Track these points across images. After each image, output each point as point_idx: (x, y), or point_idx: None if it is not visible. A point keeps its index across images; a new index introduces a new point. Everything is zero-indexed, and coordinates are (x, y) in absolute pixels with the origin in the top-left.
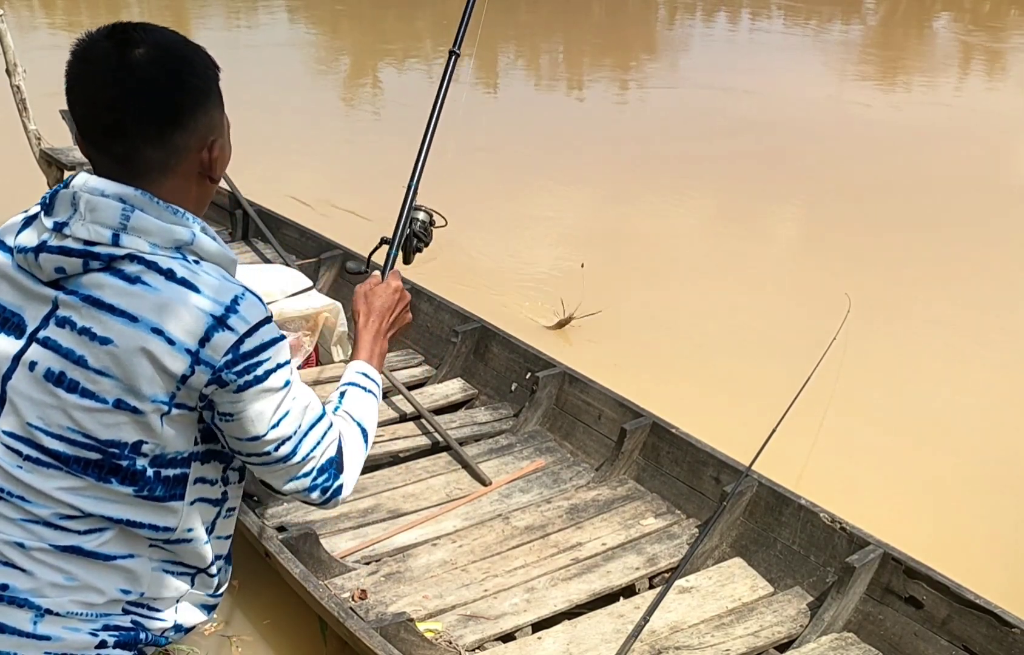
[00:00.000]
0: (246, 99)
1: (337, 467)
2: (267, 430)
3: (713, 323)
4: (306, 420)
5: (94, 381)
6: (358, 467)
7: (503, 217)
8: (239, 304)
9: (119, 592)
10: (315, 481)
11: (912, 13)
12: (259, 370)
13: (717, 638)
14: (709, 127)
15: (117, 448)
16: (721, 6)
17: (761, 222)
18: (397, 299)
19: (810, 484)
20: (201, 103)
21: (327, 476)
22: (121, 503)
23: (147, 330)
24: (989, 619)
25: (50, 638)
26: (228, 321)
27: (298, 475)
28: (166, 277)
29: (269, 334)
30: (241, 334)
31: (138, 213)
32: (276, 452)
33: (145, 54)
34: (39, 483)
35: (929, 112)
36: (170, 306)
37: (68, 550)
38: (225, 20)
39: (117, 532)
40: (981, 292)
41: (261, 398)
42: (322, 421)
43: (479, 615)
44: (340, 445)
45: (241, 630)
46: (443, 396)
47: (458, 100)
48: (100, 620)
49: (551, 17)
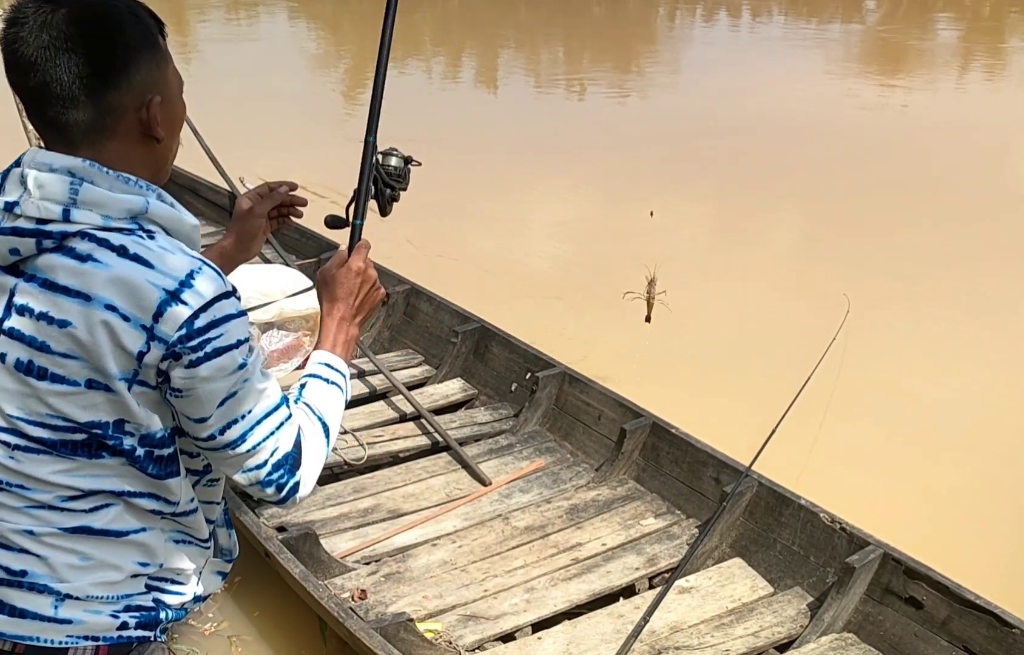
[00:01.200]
0: (246, 99)
1: (294, 463)
2: (214, 410)
3: (713, 323)
4: (260, 408)
5: (61, 365)
6: (318, 464)
7: (504, 214)
8: (194, 278)
9: (137, 566)
10: (269, 476)
11: (913, 13)
12: (211, 347)
13: (717, 638)
14: (708, 127)
15: (100, 428)
16: (722, 6)
17: (760, 221)
18: (360, 282)
19: (810, 484)
20: (133, 59)
21: (282, 472)
22: (119, 475)
23: (101, 307)
24: (989, 619)
25: (71, 622)
26: (182, 295)
27: (250, 466)
28: (118, 254)
29: (225, 309)
30: (195, 309)
31: (87, 186)
32: (222, 436)
33: (67, 12)
34: (33, 470)
35: (929, 112)
36: (122, 282)
37: (78, 531)
38: (225, 19)
39: (123, 506)
40: (981, 292)
41: (213, 376)
42: (278, 411)
43: (479, 615)
44: (298, 440)
45: (241, 630)
46: (443, 396)
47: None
48: (121, 601)
49: (551, 16)
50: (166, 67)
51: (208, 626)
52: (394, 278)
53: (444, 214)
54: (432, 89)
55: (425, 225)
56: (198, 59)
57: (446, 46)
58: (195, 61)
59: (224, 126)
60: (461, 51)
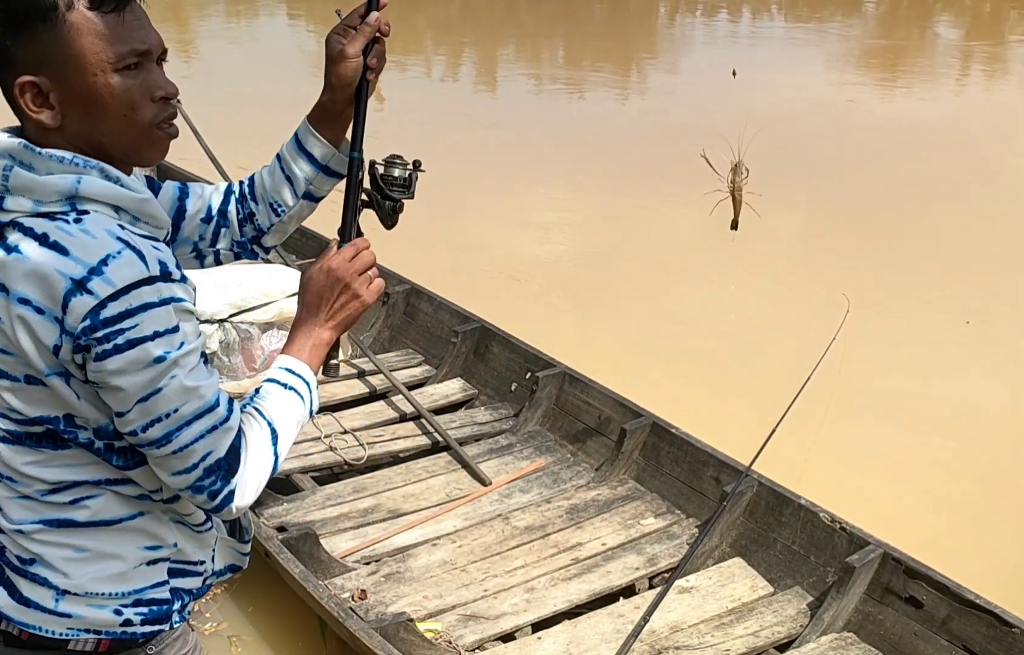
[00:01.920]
0: (246, 96)
1: (228, 470)
2: (132, 406)
3: (712, 323)
4: (189, 408)
5: (3, 361)
6: (261, 472)
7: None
8: (107, 264)
9: (146, 551)
10: (200, 481)
11: (913, 13)
12: (121, 338)
13: (717, 638)
14: (708, 126)
15: (51, 423)
16: (722, 6)
17: (760, 221)
18: (331, 282)
19: (810, 484)
20: (15, 33)
21: (214, 478)
22: (91, 464)
23: (16, 301)
24: (989, 619)
25: (71, 615)
26: (89, 284)
27: (178, 469)
28: (40, 242)
29: (143, 298)
30: (102, 298)
31: (16, 170)
32: (144, 433)
33: None
34: (11, 460)
35: (929, 112)
36: (36, 273)
37: (63, 525)
38: (225, 20)
39: (109, 495)
40: (981, 292)
41: (124, 369)
42: (212, 413)
43: (479, 615)
44: (235, 445)
45: (241, 630)
46: (443, 396)
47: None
48: (129, 596)
49: (552, 16)
50: (63, 42)
51: (208, 626)
52: (394, 278)
53: (444, 215)
54: (431, 87)
55: (425, 225)
56: (197, 58)
57: (446, 45)
58: (194, 60)
59: (223, 126)
60: (461, 50)
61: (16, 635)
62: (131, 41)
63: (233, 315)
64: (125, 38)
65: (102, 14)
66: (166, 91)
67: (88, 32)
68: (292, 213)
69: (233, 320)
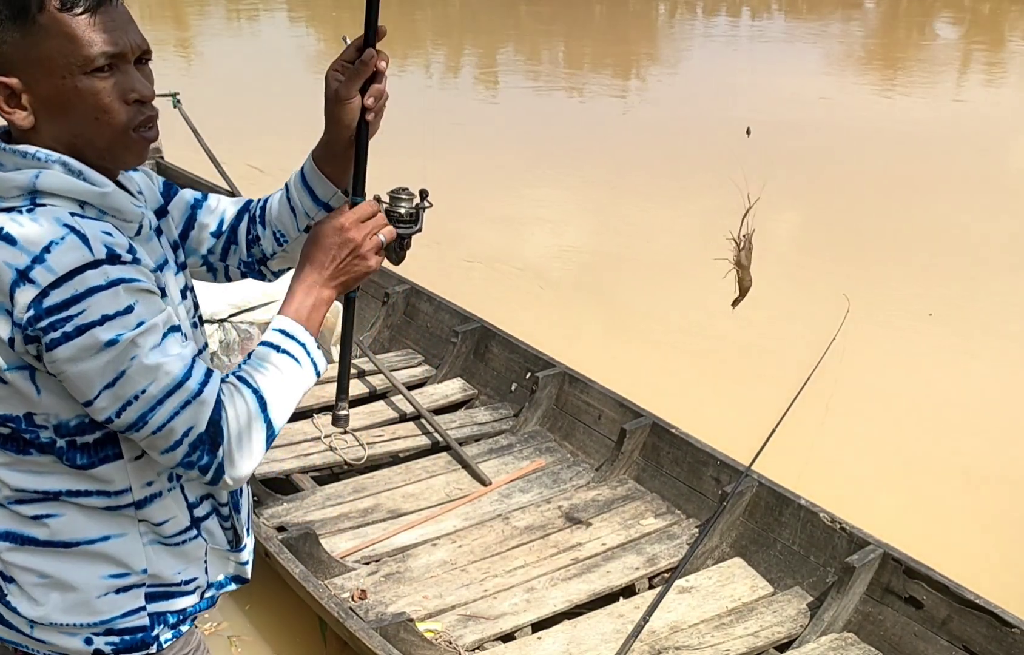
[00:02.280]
0: (246, 97)
1: (211, 444)
2: (97, 393)
3: (712, 323)
4: (157, 386)
5: None
6: (251, 441)
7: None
8: (50, 252)
9: (110, 579)
10: (188, 457)
11: (913, 13)
12: (70, 326)
13: (717, 638)
14: (708, 126)
15: (12, 422)
16: (722, 6)
17: (759, 221)
18: (343, 240)
19: (810, 484)
20: None
21: (200, 453)
22: (52, 473)
23: None
24: (989, 619)
25: (45, 641)
26: (31, 273)
27: (163, 448)
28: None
29: (86, 283)
30: (44, 286)
31: None
32: (119, 418)
33: None
34: None
35: (929, 112)
36: None
37: (26, 542)
38: (226, 19)
39: (71, 512)
40: (981, 292)
41: (77, 357)
42: (181, 389)
43: (479, 615)
44: (215, 418)
45: (241, 630)
46: (443, 396)
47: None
48: (99, 626)
49: (552, 16)
50: (31, 43)
51: (208, 626)
52: (394, 278)
53: (444, 214)
54: (431, 87)
55: (425, 224)
56: (197, 57)
57: (445, 43)
58: (194, 59)
59: (224, 124)
60: (461, 49)
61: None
62: (101, 43)
63: (233, 315)
64: (95, 40)
65: (73, 16)
66: (141, 94)
67: (57, 34)
68: (294, 244)
69: (233, 320)
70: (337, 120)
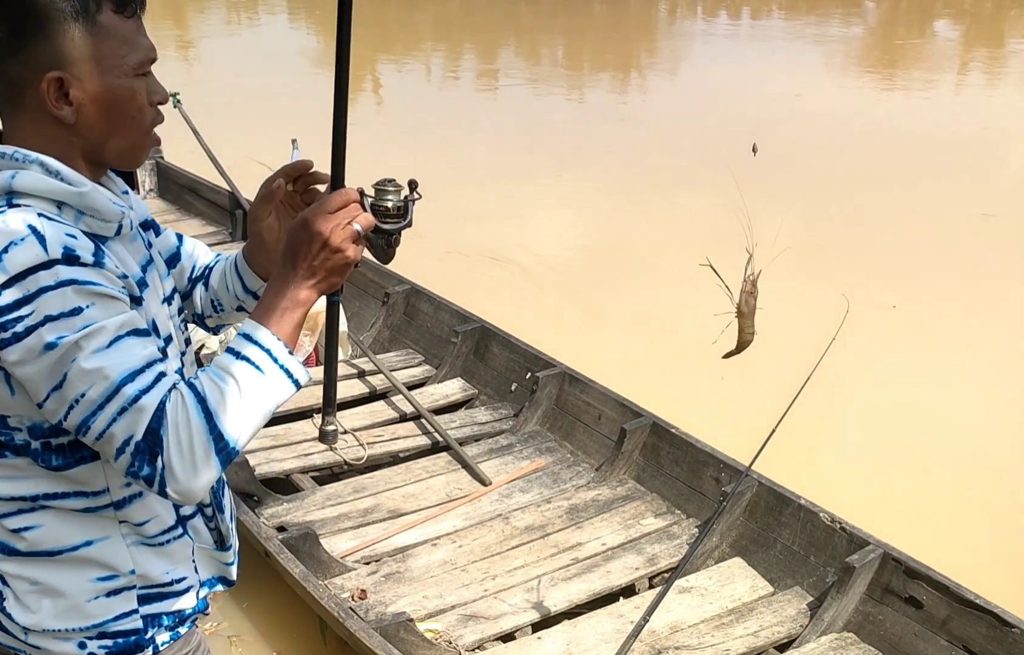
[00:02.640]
0: (246, 97)
1: (149, 454)
2: (46, 395)
3: (712, 323)
4: (96, 391)
5: None
6: (192, 454)
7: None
8: (7, 252)
9: (98, 582)
10: (132, 466)
11: (913, 13)
12: (20, 326)
13: (717, 638)
14: (707, 126)
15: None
16: (722, 6)
17: (758, 221)
18: (309, 235)
19: (810, 484)
20: (36, 29)
21: (139, 463)
22: (29, 477)
23: None
24: (989, 619)
25: (40, 648)
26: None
27: (110, 455)
28: None
29: (38, 283)
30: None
31: None
32: (67, 422)
33: None
34: None
35: (929, 112)
36: None
37: (11, 553)
38: (226, 19)
39: (50, 520)
40: (980, 291)
41: (23, 360)
42: (118, 395)
43: (479, 615)
44: (153, 427)
45: (241, 630)
46: (443, 396)
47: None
48: (93, 630)
49: (552, 15)
50: (91, 41)
51: (208, 626)
52: (394, 278)
53: (444, 214)
54: (431, 86)
55: (425, 224)
56: (197, 57)
57: (445, 43)
58: (194, 59)
59: (223, 124)
60: (461, 49)
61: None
62: (146, 48)
63: None
64: (143, 44)
65: (124, 19)
66: (162, 97)
67: (114, 35)
68: (228, 316)
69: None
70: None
